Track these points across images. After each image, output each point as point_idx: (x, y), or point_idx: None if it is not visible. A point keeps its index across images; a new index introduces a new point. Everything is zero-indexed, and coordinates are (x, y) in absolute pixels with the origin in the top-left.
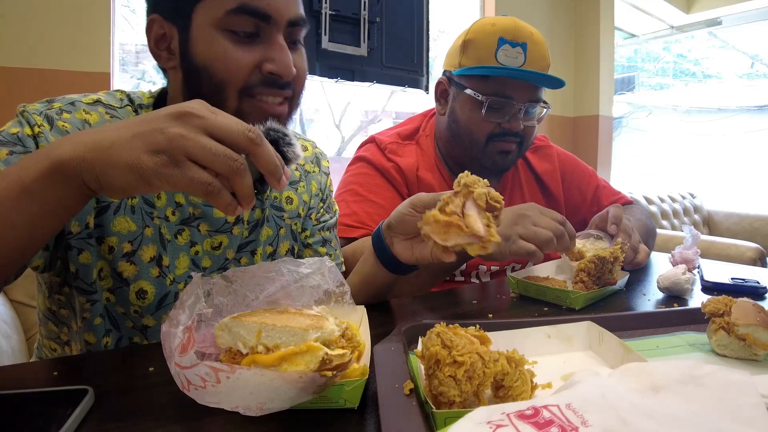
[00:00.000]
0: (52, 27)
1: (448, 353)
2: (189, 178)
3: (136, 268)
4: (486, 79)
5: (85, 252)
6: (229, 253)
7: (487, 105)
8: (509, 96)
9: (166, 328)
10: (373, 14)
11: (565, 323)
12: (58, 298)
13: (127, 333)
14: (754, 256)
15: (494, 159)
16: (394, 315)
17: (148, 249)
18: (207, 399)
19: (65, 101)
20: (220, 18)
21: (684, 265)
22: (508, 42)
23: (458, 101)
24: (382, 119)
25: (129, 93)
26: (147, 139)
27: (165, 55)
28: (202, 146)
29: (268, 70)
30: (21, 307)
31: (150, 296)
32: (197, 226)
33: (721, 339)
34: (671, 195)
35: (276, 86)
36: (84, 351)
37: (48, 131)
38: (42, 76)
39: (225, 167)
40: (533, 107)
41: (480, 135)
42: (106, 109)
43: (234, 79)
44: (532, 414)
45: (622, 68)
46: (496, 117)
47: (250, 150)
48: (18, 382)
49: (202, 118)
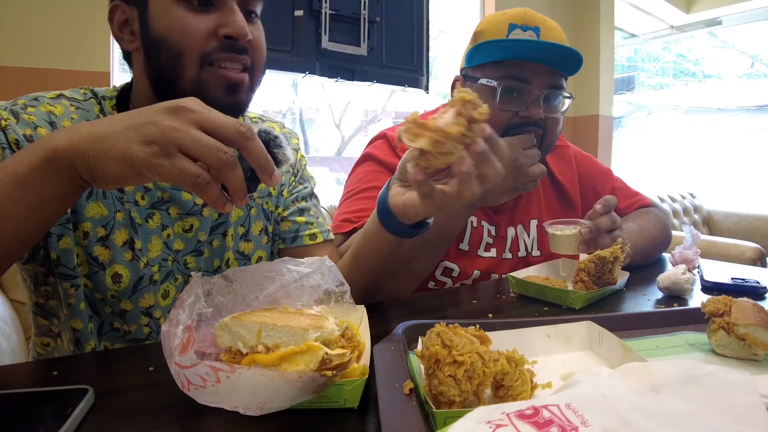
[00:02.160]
0: (52, 27)
1: (448, 353)
2: (178, 168)
3: (110, 252)
4: (500, 64)
5: (65, 237)
6: (201, 235)
7: (501, 90)
8: (525, 79)
9: (166, 327)
10: (373, 14)
11: (564, 323)
12: (44, 290)
13: (107, 319)
14: (754, 256)
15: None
16: (394, 315)
17: (120, 233)
18: (207, 398)
19: (29, 98)
20: None
21: (684, 265)
22: (519, 27)
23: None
24: (382, 119)
25: (93, 89)
26: (140, 130)
27: (128, 37)
28: (193, 138)
29: (223, 33)
30: (21, 307)
31: (125, 280)
32: (167, 210)
33: (720, 339)
34: (671, 195)
35: (233, 50)
36: (72, 339)
37: (15, 123)
38: (42, 76)
39: (215, 159)
40: (554, 95)
41: (496, 127)
42: (70, 102)
43: (191, 45)
44: (532, 414)
45: (622, 68)
46: (512, 105)
47: (242, 144)
48: (18, 381)
49: (194, 112)
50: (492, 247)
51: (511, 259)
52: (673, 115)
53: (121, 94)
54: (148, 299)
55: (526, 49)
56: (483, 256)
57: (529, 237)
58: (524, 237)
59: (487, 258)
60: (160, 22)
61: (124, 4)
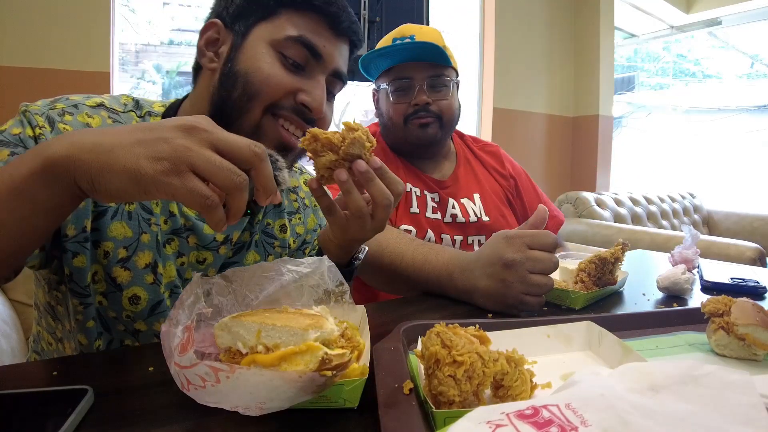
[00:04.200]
0: (52, 27)
1: (447, 353)
2: (188, 189)
3: (131, 274)
4: (389, 71)
5: (80, 256)
6: (211, 271)
7: (393, 89)
8: (408, 77)
9: (165, 327)
10: (373, 14)
11: (564, 323)
12: (55, 295)
13: (118, 336)
14: (754, 256)
15: (416, 134)
16: (394, 315)
17: (143, 255)
18: (206, 399)
19: (68, 103)
20: (278, 40)
21: (683, 264)
22: (399, 39)
23: (380, 99)
24: None
25: (138, 99)
26: (150, 146)
27: (211, 55)
28: (206, 159)
29: (301, 100)
30: (21, 307)
31: (143, 302)
32: (186, 238)
33: (720, 339)
34: (671, 195)
35: (302, 117)
36: (77, 349)
37: (49, 133)
38: (42, 75)
39: (228, 181)
40: (436, 81)
41: (397, 117)
42: (108, 113)
43: (268, 93)
44: (532, 414)
45: (622, 68)
46: (404, 98)
47: (255, 165)
48: (17, 381)
49: (208, 132)
50: (437, 210)
51: (463, 222)
52: (672, 115)
53: (167, 112)
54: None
55: (397, 54)
56: (430, 218)
57: (476, 205)
58: (471, 205)
59: (433, 219)
60: (250, 59)
61: (222, 26)
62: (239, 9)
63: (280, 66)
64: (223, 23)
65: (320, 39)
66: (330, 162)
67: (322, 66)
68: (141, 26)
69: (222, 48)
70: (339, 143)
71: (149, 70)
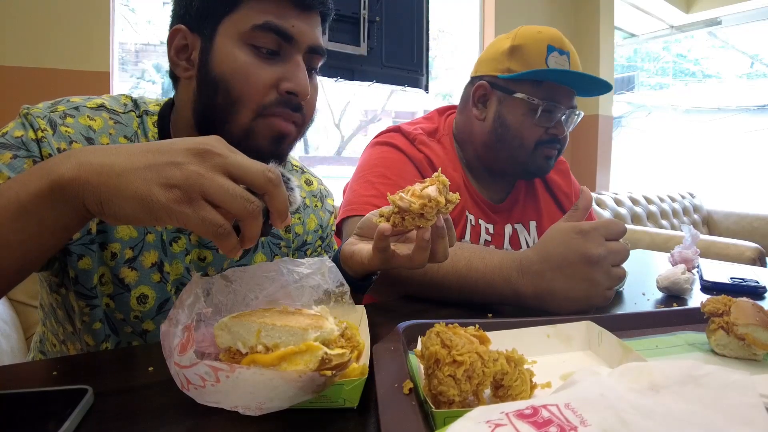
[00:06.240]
0: (52, 27)
1: (447, 353)
2: (201, 218)
3: (138, 274)
4: (540, 84)
5: (86, 258)
6: (211, 270)
7: (542, 109)
8: (558, 101)
9: (165, 327)
10: (372, 13)
11: (564, 323)
12: (56, 297)
13: (125, 338)
14: (754, 256)
15: (539, 164)
16: (394, 315)
17: (149, 255)
18: (206, 398)
19: (69, 105)
20: (245, 32)
21: (683, 264)
22: (557, 50)
23: (507, 106)
24: (382, 119)
25: (136, 99)
26: (161, 172)
27: (184, 64)
28: (219, 186)
29: (284, 88)
30: (21, 307)
31: (151, 301)
32: (189, 235)
33: (720, 339)
34: (671, 195)
35: (290, 106)
36: (84, 352)
37: (51, 136)
38: (42, 75)
39: (241, 209)
40: (573, 113)
41: (530, 140)
42: (110, 115)
43: (252, 95)
44: (531, 413)
45: (621, 68)
46: (546, 122)
47: (269, 191)
48: (17, 381)
49: (221, 156)
50: (490, 243)
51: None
52: (672, 115)
53: (163, 110)
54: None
55: (568, 77)
56: None
57: (530, 236)
58: (524, 235)
59: None
60: (223, 62)
61: (188, 30)
62: (200, 9)
63: (254, 60)
64: (188, 27)
65: (287, 20)
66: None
67: (296, 46)
68: (141, 26)
69: (193, 54)
70: (431, 211)
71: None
